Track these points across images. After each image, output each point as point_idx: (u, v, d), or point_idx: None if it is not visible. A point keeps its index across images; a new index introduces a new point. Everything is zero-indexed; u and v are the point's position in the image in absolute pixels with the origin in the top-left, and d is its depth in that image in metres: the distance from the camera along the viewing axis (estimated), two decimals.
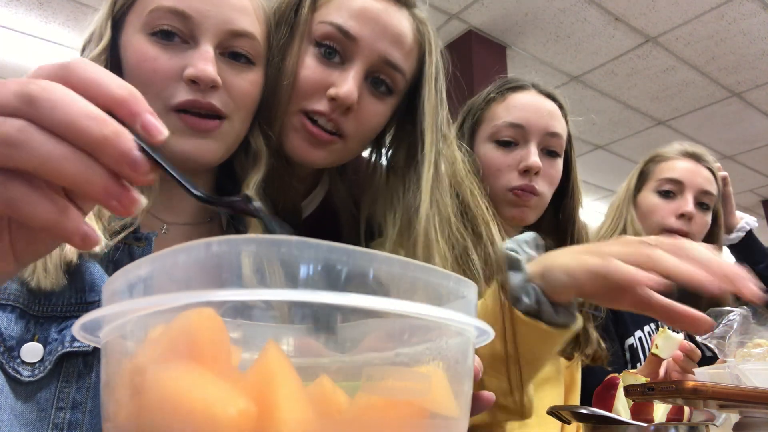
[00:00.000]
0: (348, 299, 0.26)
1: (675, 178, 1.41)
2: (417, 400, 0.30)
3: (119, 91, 0.31)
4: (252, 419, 0.24)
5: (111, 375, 0.31)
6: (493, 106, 1.10)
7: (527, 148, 1.04)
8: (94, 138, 0.29)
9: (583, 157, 4.66)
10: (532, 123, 1.05)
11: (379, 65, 0.75)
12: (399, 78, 0.77)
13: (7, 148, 0.28)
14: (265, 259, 0.27)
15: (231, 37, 0.67)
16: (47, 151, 0.28)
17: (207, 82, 0.64)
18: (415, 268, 0.31)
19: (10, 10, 3.09)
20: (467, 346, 0.35)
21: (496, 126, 1.07)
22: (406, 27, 0.77)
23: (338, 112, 0.74)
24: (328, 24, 0.74)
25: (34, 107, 0.28)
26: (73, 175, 0.29)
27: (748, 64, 3.56)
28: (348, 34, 0.73)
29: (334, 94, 0.72)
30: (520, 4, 3.10)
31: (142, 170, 0.30)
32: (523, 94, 1.09)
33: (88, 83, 0.30)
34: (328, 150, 0.76)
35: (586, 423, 0.67)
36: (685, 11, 3.12)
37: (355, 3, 0.74)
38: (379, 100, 0.78)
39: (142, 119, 0.31)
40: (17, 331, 0.56)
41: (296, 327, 0.36)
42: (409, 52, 0.78)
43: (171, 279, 0.28)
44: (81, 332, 0.32)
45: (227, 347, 0.28)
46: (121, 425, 0.28)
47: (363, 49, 0.73)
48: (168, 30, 0.65)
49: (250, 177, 0.72)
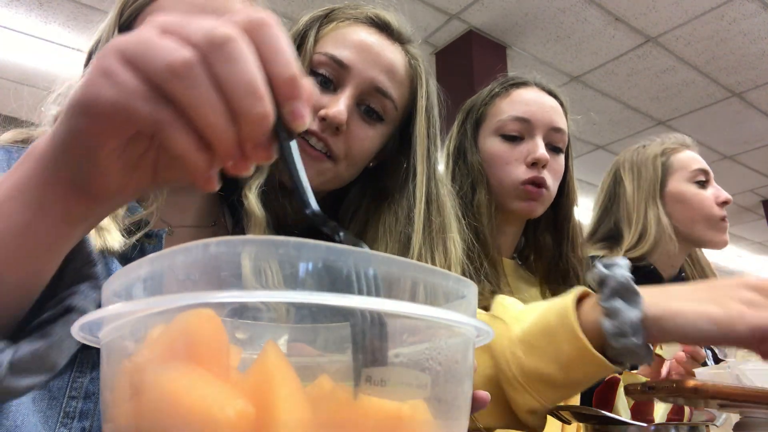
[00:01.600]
0: (348, 300, 0.26)
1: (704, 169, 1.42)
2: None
3: (289, 71, 0.32)
4: (250, 420, 0.24)
5: (110, 375, 0.31)
6: (497, 102, 1.11)
7: (534, 141, 1.05)
8: (245, 110, 0.30)
9: (583, 157, 4.66)
10: (538, 117, 1.06)
11: (369, 92, 0.78)
12: (389, 105, 0.80)
13: (171, 76, 0.29)
14: (264, 259, 0.27)
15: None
16: (201, 96, 0.30)
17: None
18: (415, 269, 0.31)
19: (11, 10, 3.10)
20: (467, 347, 0.35)
21: (501, 120, 1.08)
22: (399, 60, 0.81)
23: (328, 132, 0.76)
24: (323, 54, 0.78)
25: (213, 52, 0.30)
26: (213, 126, 0.30)
27: (749, 64, 3.56)
28: (341, 63, 0.77)
29: (324, 114, 0.75)
30: (520, 4, 3.10)
31: (263, 156, 0.33)
32: (527, 90, 1.10)
33: (270, 50, 0.31)
34: (317, 169, 0.78)
35: (587, 423, 0.67)
36: (686, 11, 3.12)
37: (351, 36, 0.79)
38: (370, 125, 0.80)
39: (295, 104, 0.32)
40: None
41: (297, 327, 0.36)
42: (401, 83, 0.81)
43: (170, 280, 0.28)
44: (80, 333, 0.32)
45: (226, 348, 0.28)
46: (121, 426, 0.28)
47: (354, 76, 0.77)
48: None
49: (253, 180, 0.74)
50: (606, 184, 1.52)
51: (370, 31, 0.80)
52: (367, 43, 0.78)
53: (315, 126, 0.76)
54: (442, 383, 0.32)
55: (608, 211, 1.47)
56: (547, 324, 0.60)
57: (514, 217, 1.09)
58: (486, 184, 1.07)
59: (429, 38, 3.39)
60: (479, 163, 1.08)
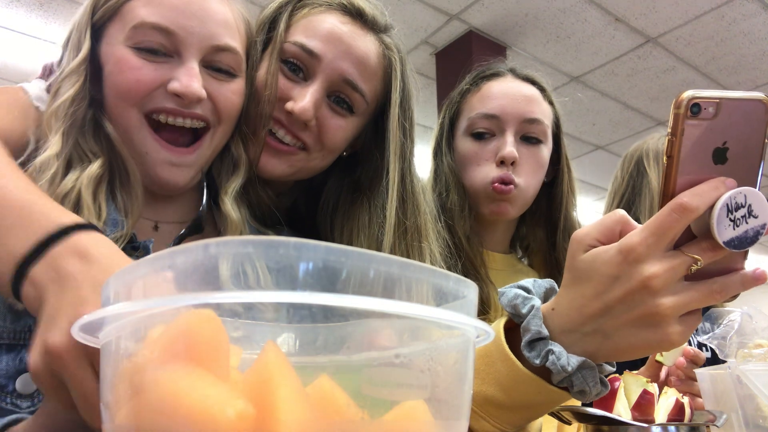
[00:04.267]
0: (347, 300, 0.26)
1: None
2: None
3: None
4: (250, 420, 0.24)
5: (110, 376, 0.31)
6: (469, 98, 1.06)
7: (503, 137, 1.00)
8: None
9: (583, 157, 4.66)
10: (507, 111, 1.00)
11: (339, 84, 0.77)
12: (358, 98, 0.78)
13: None
14: (263, 260, 0.27)
15: (214, 52, 0.69)
16: None
17: (192, 98, 0.66)
18: (415, 269, 0.31)
19: (11, 10, 3.10)
20: (467, 347, 0.35)
21: (470, 119, 1.03)
22: (371, 51, 0.78)
23: (296, 127, 0.76)
24: (293, 44, 0.76)
25: None
26: None
27: (749, 65, 3.56)
28: (312, 52, 0.75)
29: (290, 109, 0.75)
30: (520, 5, 3.10)
31: None
32: (498, 83, 1.05)
33: None
34: (288, 161, 0.78)
35: (587, 423, 0.67)
36: (686, 12, 3.12)
37: (322, 25, 0.77)
38: (340, 116, 0.79)
39: None
40: (5, 366, 0.56)
41: (296, 327, 0.36)
42: (373, 75, 0.79)
43: (170, 280, 0.28)
44: (81, 333, 0.32)
45: (226, 348, 0.28)
46: (120, 426, 0.28)
47: (324, 67, 0.76)
48: (152, 47, 0.66)
49: (229, 183, 0.74)
50: (625, 178, 1.43)
51: (343, 20, 0.77)
52: (338, 33, 0.76)
53: (283, 117, 0.76)
54: (443, 384, 0.32)
55: (629, 204, 1.39)
56: (485, 346, 0.56)
57: (487, 220, 1.05)
58: (460, 186, 1.02)
59: (429, 38, 3.39)
60: (450, 165, 1.04)
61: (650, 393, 0.67)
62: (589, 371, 0.54)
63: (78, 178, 0.63)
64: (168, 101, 0.66)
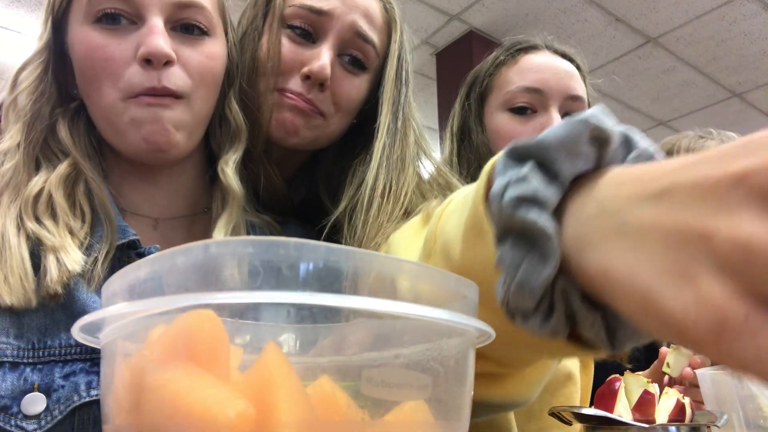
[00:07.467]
0: (347, 301, 0.26)
1: None
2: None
3: None
4: (251, 421, 0.24)
5: (110, 376, 0.31)
6: (504, 71, 0.98)
7: (548, 114, 0.93)
8: None
9: None
10: (551, 86, 0.93)
11: (350, 38, 0.76)
12: (371, 51, 0.77)
13: None
14: (264, 260, 0.27)
15: (178, 9, 0.64)
16: None
17: (160, 57, 0.61)
18: (415, 269, 0.31)
19: (11, 10, 3.10)
20: (467, 347, 0.35)
21: (509, 92, 0.95)
22: (375, 4, 0.78)
23: (314, 91, 0.75)
24: (298, 7, 0.75)
25: None
26: None
27: (749, 65, 3.56)
28: (320, 11, 0.74)
29: (308, 71, 0.73)
30: (520, 5, 3.10)
31: None
32: (537, 55, 0.98)
33: None
34: (308, 125, 0.76)
35: (588, 424, 0.67)
36: (686, 12, 3.12)
37: None
38: (354, 75, 0.78)
39: None
40: (10, 386, 0.53)
41: (296, 327, 0.36)
42: (380, 29, 0.79)
43: (170, 280, 0.28)
44: (81, 334, 0.32)
45: (227, 348, 0.28)
46: (121, 426, 0.28)
47: (334, 23, 0.74)
48: (111, 12, 0.62)
49: (228, 155, 0.71)
50: None
51: None
52: None
53: (299, 86, 0.74)
54: (443, 384, 0.32)
55: None
56: (469, 190, 0.39)
57: None
58: None
59: (429, 38, 3.39)
60: (485, 143, 0.96)
61: (651, 393, 0.67)
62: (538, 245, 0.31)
63: (47, 180, 0.61)
64: (145, 79, 0.61)
